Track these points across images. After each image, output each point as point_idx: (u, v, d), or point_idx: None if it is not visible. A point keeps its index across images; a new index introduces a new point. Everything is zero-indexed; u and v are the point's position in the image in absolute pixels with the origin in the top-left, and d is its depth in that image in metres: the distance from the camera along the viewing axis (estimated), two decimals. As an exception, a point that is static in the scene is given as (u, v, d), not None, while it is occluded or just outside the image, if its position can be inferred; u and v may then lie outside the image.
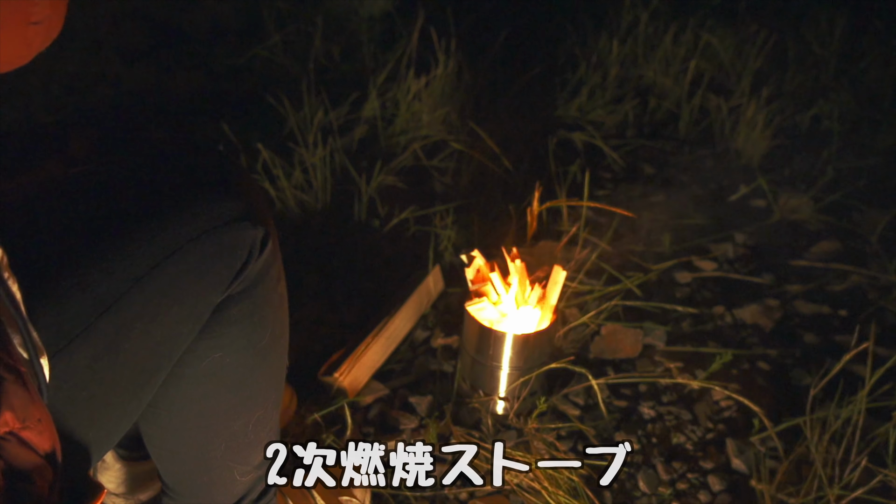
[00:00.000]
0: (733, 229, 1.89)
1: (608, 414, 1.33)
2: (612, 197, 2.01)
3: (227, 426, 0.86)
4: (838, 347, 1.53)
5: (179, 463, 0.89)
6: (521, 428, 1.29)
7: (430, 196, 1.94)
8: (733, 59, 2.54)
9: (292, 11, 2.63)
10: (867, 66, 2.53)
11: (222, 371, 0.82)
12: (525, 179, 1.96)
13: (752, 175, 2.08)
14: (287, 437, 1.26)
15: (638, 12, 2.57)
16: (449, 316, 1.55)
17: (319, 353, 1.43)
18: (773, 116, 2.22)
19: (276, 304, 0.85)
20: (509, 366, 1.28)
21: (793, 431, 1.27)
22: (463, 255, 1.31)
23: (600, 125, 2.30)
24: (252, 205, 0.76)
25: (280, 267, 0.85)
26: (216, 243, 0.73)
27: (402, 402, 1.36)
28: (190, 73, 2.47)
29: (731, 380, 1.43)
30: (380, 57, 2.44)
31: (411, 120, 2.12)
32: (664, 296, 1.63)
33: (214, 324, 0.78)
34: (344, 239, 1.77)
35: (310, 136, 1.88)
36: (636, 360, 1.47)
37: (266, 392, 0.89)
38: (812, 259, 1.79)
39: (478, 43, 2.47)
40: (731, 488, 1.23)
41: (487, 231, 1.78)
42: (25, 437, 0.55)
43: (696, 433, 1.33)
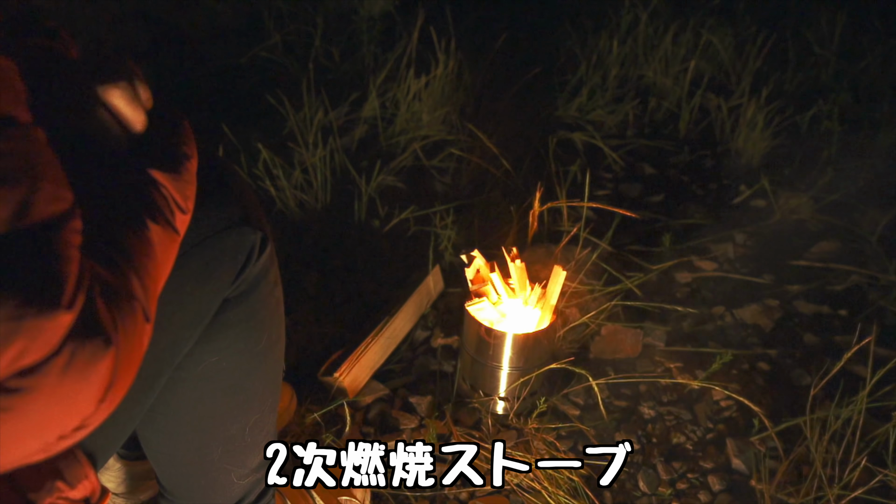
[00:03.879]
0: (733, 229, 1.89)
1: (608, 414, 1.33)
2: (612, 197, 2.01)
3: (224, 429, 0.86)
4: (838, 347, 1.53)
5: (176, 466, 0.89)
6: (521, 428, 1.29)
7: (430, 196, 1.94)
8: (733, 59, 2.54)
9: (292, 11, 2.63)
10: (867, 66, 2.53)
11: (219, 375, 0.82)
12: (525, 179, 1.96)
13: (752, 175, 2.08)
14: (287, 437, 1.26)
15: (638, 12, 2.57)
16: (449, 316, 1.55)
17: (319, 353, 1.43)
18: (773, 116, 2.22)
19: (272, 308, 0.85)
20: (509, 366, 1.28)
21: (793, 431, 1.27)
22: (463, 255, 1.31)
23: (600, 125, 2.30)
24: (250, 209, 0.77)
25: (276, 271, 0.85)
26: (218, 248, 0.73)
27: (403, 402, 1.35)
28: (190, 73, 2.47)
29: (731, 380, 1.43)
30: (380, 57, 2.44)
31: (411, 120, 2.12)
32: (664, 296, 1.63)
33: (211, 328, 0.78)
34: (344, 239, 1.77)
35: (310, 136, 1.88)
36: (636, 360, 1.47)
37: (263, 395, 0.89)
38: (812, 259, 1.79)
39: (478, 43, 2.47)
40: (731, 488, 1.23)
41: (487, 231, 1.78)
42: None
43: (696, 433, 1.32)
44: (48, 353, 0.44)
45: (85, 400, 0.47)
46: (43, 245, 0.44)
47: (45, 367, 0.44)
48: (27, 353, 0.43)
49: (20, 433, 0.45)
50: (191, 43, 2.63)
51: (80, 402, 0.47)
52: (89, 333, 0.46)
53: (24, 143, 0.44)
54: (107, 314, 0.47)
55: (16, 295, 0.42)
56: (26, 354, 0.43)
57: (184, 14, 2.67)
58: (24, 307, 0.42)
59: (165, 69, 2.49)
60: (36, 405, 0.44)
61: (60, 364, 0.44)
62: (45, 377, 0.44)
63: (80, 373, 0.45)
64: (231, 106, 2.28)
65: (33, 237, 0.44)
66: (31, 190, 0.44)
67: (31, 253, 0.44)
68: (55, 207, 0.46)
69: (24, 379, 0.43)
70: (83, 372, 0.46)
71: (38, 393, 0.44)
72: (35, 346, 0.43)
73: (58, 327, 0.44)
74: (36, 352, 0.43)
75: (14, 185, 0.43)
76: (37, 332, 0.43)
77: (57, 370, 0.44)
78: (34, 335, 0.43)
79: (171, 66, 2.50)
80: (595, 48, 2.54)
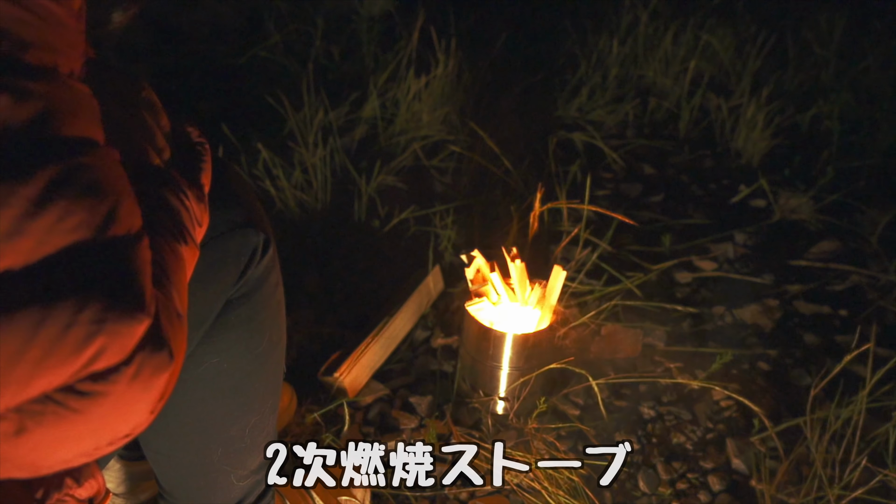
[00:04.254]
0: (733, 229, 1.89)
1: (608, 414, 1.33)
2: (612, 197, 2.01)
3: (224, 431, 0.86)
4: (838, 347, 1.53)
5: (176, 467, 0.89)
6: (521, 428, 1.29)
7: (430, 196, 1.94)
8: (733, 59, 2.54)
9: (292, 11, 2.63)
10: (867, 66, 2.53)
11: (219, 376, 0.82)
12: (525, 180, 1.96)
13: (752, 175, 2.08)
14: (287, 437, 1.26)
15: (638, 12, 2.57)
16: (449, 316, 1.55)
17: (319, 354, 1.43)
18: (773, 116, 2.22)
19: (274, 310, 0.85)
20: (509, 366, 1.28)
21: (793, 431, 1.27)
22: (463, 255, 1.31)
23: (600, 125, 2.30)
24: (253, 211, 0.77)
25: (278, 273, 0.85)
26: (221, 249, 0.73)
27: (403, 402, 1.36)
28: (190, 73, 2.47)
29: (731, 380, 1.43)
30: (380, 57, 2.44)
31: (411, 120, 2.12)
32: (664, 296, 1.63)
33: (213, 329, 0.78)
34: (344, 239, 1.77)
35: (310, 136, 1.88)
36: (636, 360, 1.47)
37: (263, 397, 0.89)
38: (812, 259, 1.79)
39: (478, 43, 2.47)
40: (731, 488, 1.23)
41: (487, 231, 1.78)
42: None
43: (696, 433, 1.33)
44: (121, 360, 0.46)
45: (142, 410, 0.49)
46: (125, 255, 0.47)
47: (115, 374, 0.46)
48: (103, 357, 0.45)
49: (79, 435, 0.47)
50: (191, 43, 2.63)
51: (138, 412, 0.49)
52: (156, 346, 0.48)
53: (106, 162, 0.47)
54: (169, 329, 0.50)
55: (101, 299, 0.44)
56: (102, 358, 0.45)
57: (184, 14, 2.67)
58: (108, 311, 0.44)
59: (165, 69, 2.49)
60: (101, 410, 0.46)
61: (130, 373, 0.47)
62: (114, 384, 0.46)
63: (144, 383, 0.48)
64: (231, 106, 2.28)
65: (116, 247, 0.46)
66: (116, 203, 0.47)
67: (115, 262, 0.46)
68: (134, 222, 0.49)
69: (95, 383, 0.45)
70: (147, 383, 0.48)
71: (106, 398, 0.46)
72: (112, 349, 0.45)
73: (134, 334, 0.46)
74: (111, 357, 0.45)
75: (103, 197, 0.46)
76: (116, 336, 0.45)
77: (126, 378, 0.46)
78: (113, 339, 0.45)
79: (171, 66, 2.50)
80: (595, 48, 2.54)
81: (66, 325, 0.43)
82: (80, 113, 0.46)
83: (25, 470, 0.48)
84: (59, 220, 0.43)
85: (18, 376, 0.42)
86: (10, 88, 0.42)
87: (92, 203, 0.45)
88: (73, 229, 0.44)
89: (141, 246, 0.49)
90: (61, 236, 0.43)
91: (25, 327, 0.42)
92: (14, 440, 0.45)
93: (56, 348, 0.43)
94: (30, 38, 0.43)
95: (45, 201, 0.42)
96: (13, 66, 0.42)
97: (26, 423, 0.44)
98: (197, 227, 0.63)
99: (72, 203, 0.44)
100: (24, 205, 0.41)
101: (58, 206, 0.43)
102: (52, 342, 0.43)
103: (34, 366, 0.43)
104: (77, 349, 0.44)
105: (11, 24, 0.42)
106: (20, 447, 0.45)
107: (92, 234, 0.45)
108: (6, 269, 0.42)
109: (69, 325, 0.43)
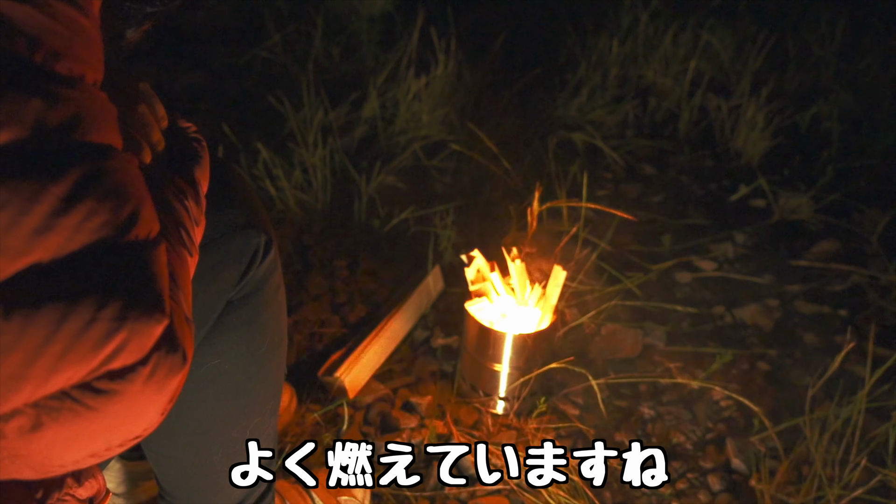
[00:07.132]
0: (733, 229, 1.89)
1: (608, 414, 1.33)
2: (612, 197, 2.01)
3: (225, 432, 0.86)
4: (838, 347, 1.52)
5: (177, 468, 0.89)
6: (521, 428, 1.29)
7: (430, 196, 1.94)
8: (733, 59, 2.54)
9: (292, 11, 2.63)
10: (867, 66, 2.53)
11: (220, 377, 0.82)
12: (525, 179, 1.96)
13: (752, 175, 2.09)
14: (287, 437, 1.26)
15: (638, 12, 2.57)
16: (449, 316, 1.55)
17: (320, 353, 1.43)
18: (773, 116, 2.22)
19: (275, 312, 0.85)
20: (509, 366, 1.28)
21: (792, 431, 1.27)
22: (463, 255, 1.31)
23: (600, 125, 2.30)
24: (254, 212, 0.77)
25: (280, 275, 0.85)
26: (223, 250, 0.73)
27: (403, 402, 1.36)
28: (190, 73, 2.47)
29: (731, 380, 1.43)
30: (380, 57, 2.44)
31: (411, 120, 2.12)
32: (664, 296, 1.63)
33: (213, 330, 0.78)
34: (344, 239, 1.77)
35: (310, 136, 1.88)
36: (636, 360, 1.47)
37: (264, 399, 0.89)
38: (812, 259, 1.79)
39: (478, 43, 2.47)
40: (731, 488, 1.23)
41: (487, 231, 1.78)
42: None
43: (696, 433, 1.33)
44: (138, 360, 0.46)
45: (154, 411, 0.50)
46: (145, 257, 0.48)
47: (132, 373, 0.46)
48: (121, 355, 0.45)
49: (92, 433, 0.47)
50: (191, 43, 2.63)
51: (150, 413, 0.50)
52: (172, 347, 0.49)
53: (128, 167, 0.49)
54: (182, 332, 0.50)
55: (122, 298, 0.45)
56: (121, 356, 0.45)
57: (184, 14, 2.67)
58: (128, 309, 0.45)
59: (165, 69, 2.49)
60: (116, 408, 0.47)
61: (146, 373, 0.47)
62: (130, 383, 0.46)
63: (158, 384, 0.48)
64: (231, 106, 2.28)
65: (137, 249, 0.47)
66: (138, 206, 0.48)
67: (136, 262, 0.47)
68: (154, 226, 0.50)
69: (112, 381, 0.46)
70: (160, 383, 0.48)
71: (122, 397, 0.46)
72: (130, 348, 0.46)
73: (153, 334, 0.47)
74: (129, 355, 0.46)
75: (125, 200, 0.47)
76: (135, 335, 0.46)
77: (142, 378, 0.47)
78: (132, 337, 0.46)
79: (171, 66, 2.51)
80: (595, 48, 2.54)
81: (89, 321, 0.44)
82: (104, 120, 0.47)
83: (36, 469, 0.48)
84: (86, 218, 0.44)
85: (39, 370, 0.43)
86: (44, 93, 0.43)
87: (115, 204, 0.46)
88: (98, 228, 0.45)
89: (160, 249, 0.50)
90: (87, 234, 0.44)
91: (50, 321, 0.42)
92: (29, 436, 0.45)
93: (77, 343, 0.43)
94: (61, 49, 0.45)
95: (74, 200, 0.43)
96: (47, 75, 0.44)
97: (42, 418, 0.45)
98: (195, 227, 0.63)
99: (98, 203, 0.45)
100: (54, 202, 0.42)
101: (85, 205, 0.44)
102: (73, 337, 0.43)
103: (55, 360, 0.43)
104: (97, 345, 0.44)
105: (44, 34, 0.44)
106: (34, 443, 0.46)
107: (115, 234, 0.46)
108: (35, 263, 0.42)
109: (91, 321, 0.44)
